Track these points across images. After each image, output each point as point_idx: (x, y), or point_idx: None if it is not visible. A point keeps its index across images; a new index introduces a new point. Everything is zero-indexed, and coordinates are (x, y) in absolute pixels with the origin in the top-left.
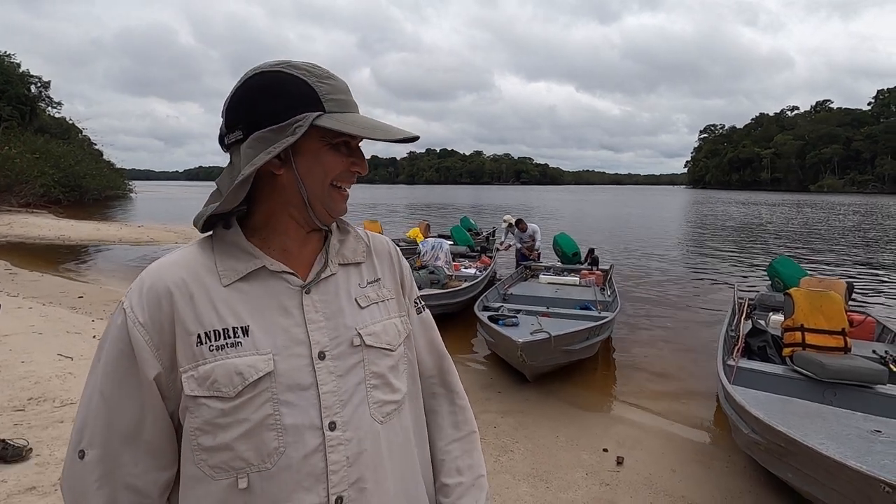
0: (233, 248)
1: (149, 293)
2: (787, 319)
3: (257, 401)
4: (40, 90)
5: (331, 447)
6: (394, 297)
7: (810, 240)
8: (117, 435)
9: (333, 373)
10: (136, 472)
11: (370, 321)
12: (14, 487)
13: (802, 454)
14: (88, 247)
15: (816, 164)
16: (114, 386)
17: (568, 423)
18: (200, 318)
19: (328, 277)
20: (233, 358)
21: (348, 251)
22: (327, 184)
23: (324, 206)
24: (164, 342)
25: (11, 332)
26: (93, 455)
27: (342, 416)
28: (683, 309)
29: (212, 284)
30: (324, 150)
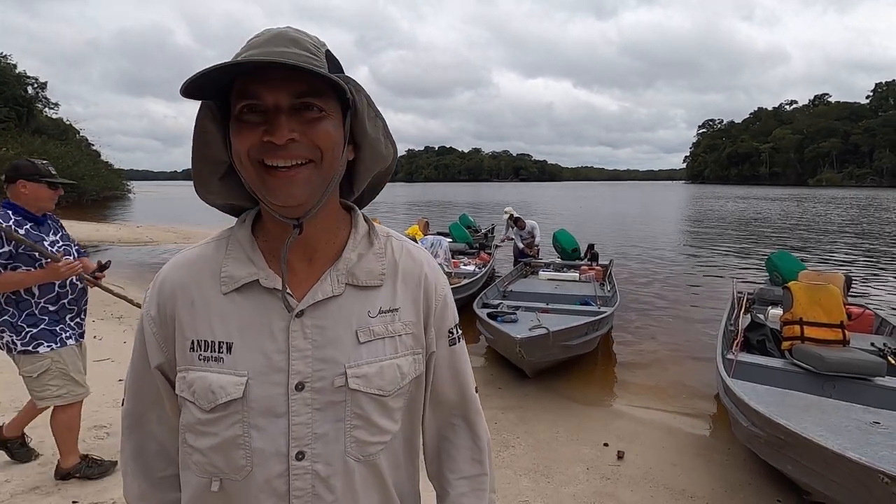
0: (239, 250)
1: (159, 291)
2: (786, 313)
3: (227, 420)
4: (37, 91)
5: (295, 475)
6: (410, 333)
7: (809, 234)
8: (143, 400)
9: (310, 405)
10: (160, 430)
11: (366, 360)
12: (17, 487)
13: (802, 446)
14: (87, 247)
15: (815, 159)
16: (138, 364)
17: (568, 418)
18: (195, 325)
19: (329, 300)
20: (213, 373)
21: (362, 272)
22: (249, 164)
23: (261, 192)
24: (168, 337)
25: None
26: (126, 408)
27: (313, 448)
28: (683, 303)
29: (211, 292)
30: (234, 124)
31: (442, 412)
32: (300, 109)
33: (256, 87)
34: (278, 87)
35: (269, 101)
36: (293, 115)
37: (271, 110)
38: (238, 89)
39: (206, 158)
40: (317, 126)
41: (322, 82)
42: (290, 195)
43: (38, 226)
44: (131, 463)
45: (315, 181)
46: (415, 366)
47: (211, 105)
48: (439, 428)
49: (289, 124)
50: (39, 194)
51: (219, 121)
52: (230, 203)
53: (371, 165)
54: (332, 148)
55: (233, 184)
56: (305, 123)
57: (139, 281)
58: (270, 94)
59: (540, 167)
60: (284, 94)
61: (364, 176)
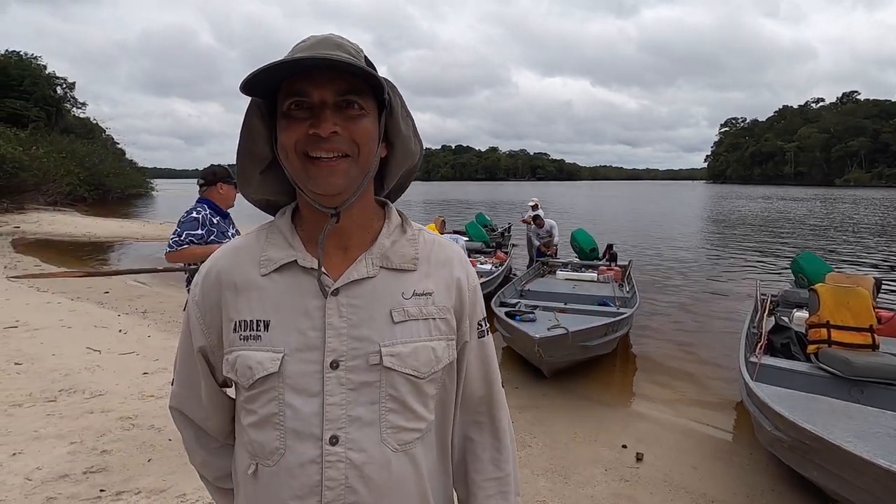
0: (279, 236)
1: (205, 278)
2: (812, 316)
3: (265, 397)
4: (66, 91)
5: (328, 462)
6: (444, 318)
7: (836, 235)
8: (185, 382)
9: (344, 385)
10: (198, 416)
11: (400, 339)
12: (48, 474)
13: (829, 452)
14: (113, 244)
15: (842, 158)
16: (184, 346)
17: (586, 419)
18: (238, 306)
19: (363, 280)
20: (251, 350)
21: (396, 255)
22: (295, 156)
23: (303, 183)
24: (212, 322)
25: (42, 326)
26: (174, 389)
27: (347, 432)
28: (704, 305)
29: (252, 274)
30: (281, 121)
31: (468, 408)
32: (342, 107)
33: (304, 85)
34: (324, 85)
35: (315, 98)
36: (336, 111)
37: (317, 106)
38: (287, 88)
39: (250, 153)
40: (357, 122)
41: (362, 82)
42: (330, 184)
43: (224, 219)
44: (188, 437)
45: (353, 173)
46: (448, 351)
47: (260, 103)
48: (464, 426)
49: (332, 119)
50: (230, 194)
51: (265, 119)
52: (267, 198)
53: (402, 162)
54: (369, 143)
55: (271, 179)
56: (347, 119)
57: (162, 276)
58: (317, 91)
59: (557, 166)
60: (329, 91)
61: (394, 172)
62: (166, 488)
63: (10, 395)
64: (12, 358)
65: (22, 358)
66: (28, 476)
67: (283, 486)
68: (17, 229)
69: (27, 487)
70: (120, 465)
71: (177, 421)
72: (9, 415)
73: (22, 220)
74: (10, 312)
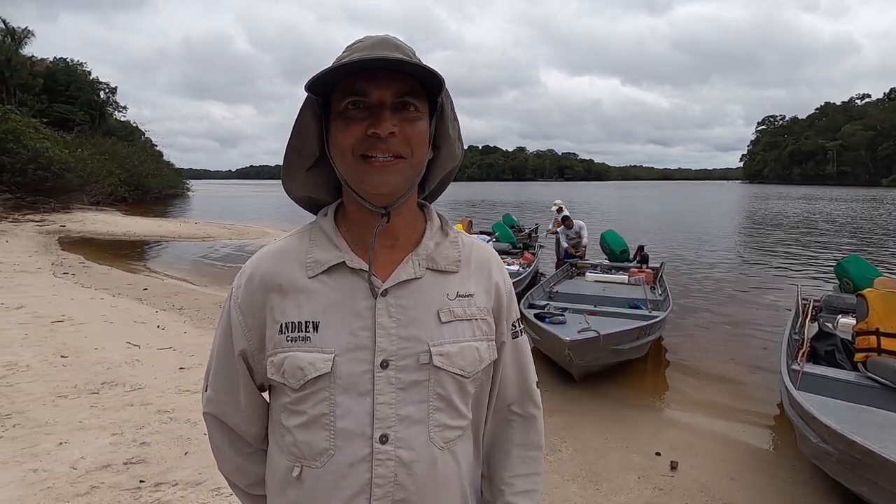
0: (323, 237)
1: (248, 281)
2: (860, 322)
3: (315, 398)
4: (108, 95)
5: (378, 461)
6: (484, 318)
7: (884, 238)
8: (222, 385)
9: (394, 384)
10: (234, 420)
11: (448, 339)
12: (91, 464)
13: (881, 467)
14: (151, 242)
15: (890, 157)
16: (221, 349)
17: (617, 424)
18: (284, 309)
19: (411, 281)
20: (300, 352)
21: (441, 257)
22: (350, 157)
23: (356, 183)
24: (255, 325)
25: (86, 321)
26: (209, 394)
27: (397, 431)
28: (741, 309)
29: (298, 276)
30: (338, 121)
31: (503, 406)
32: (399, 108)
33: (364, 86)
34: (384, 86)
35: (374, 98)
36: (393, 112)
37: (376, 106)
38: (344, 88)
39: (300, 150)
40: (413, 124)
41: (418, 85)
42: (385, 183)
43: None
44: (221, 443)
45: (406, 173)
46: (489, 351)
47: (315, 102)
48: (497, 423)
49: (391, 119)
50: None
51: (318, 117)
52: (309, 196)
53: (445, 165)
54: (422, 145)
55: (317, 177)
56: (403, 121)
57: (197, 274)
58: (377, 92)
59: (586, 166)
60: (389, 92)
61: (437, 174)
62: (202, 481)
63: (56, 386)
64: (59, 351)
65: (68, 351)
66: (73, 465)
67: (333, 487)
68: (63, 228)
69: (72, 476)
70: (158, 457)
71: (211, 427)
72: (56, 405)
73: (68, 220)
74: (57, 307)
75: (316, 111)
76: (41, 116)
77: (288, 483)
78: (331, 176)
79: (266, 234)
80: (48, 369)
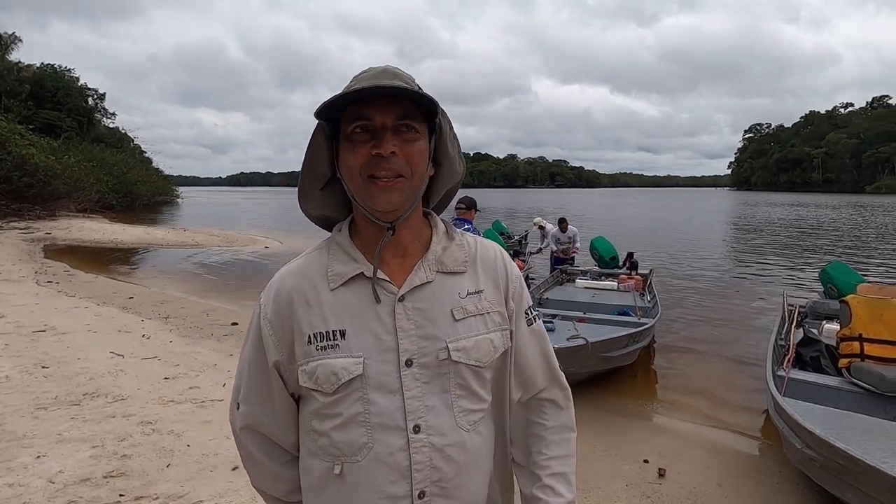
0: (340, 251)
1: (276, 296)
2: (844, 328)
3: (350, 399)
4: (96, 102)
5: (415, 448)
6: (496, 311)
7: (867, 245)
8: (258, 398)
9: (419, 380)
10: (271, 430)
11: (463, 335)
12: (70, 478)
13: (865, 474)
14: (139, 250)
15: (873, 164)
16: (254, 363)
17: (606, 432)
18: (311, 320)
19: (424, 285)
20: (331, 359)
21: (449, 259)
22: (358, 177)
23: (363, 201)
24: (284, 337)
25: (69, 330)
26: (243, 409)
27: (427, 420)
28: (728, 316)
29: (322, 289)
30: (346, 143)
31: (531, 393)
32: (399, 130)
33: (368, 111)
34: (386, 111)
35: (377, 121)
36: (395, 134)
37: (378, 129)
38: (351, 114)
39: (313, 171)
40: (412, 144)
41: (417, 108)
42: (388, 201)
43: None
44: (259, 455)
45: (407, 191)
46: (503, 340)
47: (325, 126)
48: (530, 411)
49: (392, 140)
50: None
51: (328, 140)
52: (323, 214)
53: (447, 181)
54: (421, 164)
55: (329, 195)
56: (404, 142)
57: (184, 282)
58: (379, 116)
59: (576, 173)
60: (390, 116)
61: (439, 190)
62: (184, 494)
63: (37, 397)
64: (40, 361)
65: (49, 361)
66: (51, 479)
67: (376, 476)
68: (48, 235)
69: (50, 490)
70: (139, 470)
71: (248, 442)
72: (35, 417)
73: (53, 227)
74: (39, 317)
75: (326, 135)
76: (28, 123)
77: (328, 481)
78: (341, 195)
79: (256, 242)
80: (28, 380)
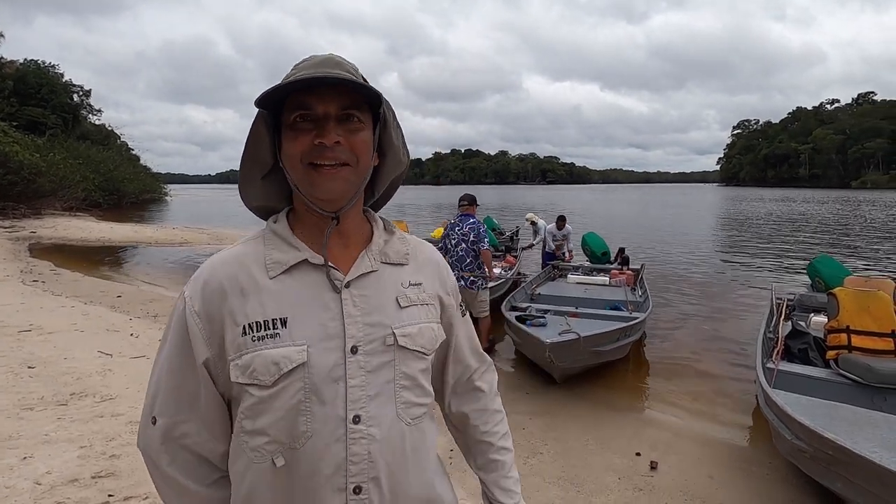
0: (280, 241)
1: (204, 287)
2: (832, 321)
3: (291, 389)
4: (82, 99)
5: (352, 439)
6: (434, 304)
7: (853, 238)
8: (180, 406)
9: (364, 368)
10: (197, 440)
11: (407, 322)
12: (57, 479)
13: (853, 463)
14: (126, 248)
15: (859, 160)
16: (176, 364)
17: (598, 426)
18: (247, 310)
19: (369, 273)
20: (271, 349)
21: (392, 252)
22: (299, 165)
23: (306, 189)
24: (214, 332)
25: (55, 330)
26: (161, 423)
27: (367, 410)
28: (717, 310)
29: (260, 277)
30: (288, 132)
31: (466, 381)
32: (343, 120)
33: (310, 100)
34: (328, 101)
35: (320, 111)
36: (338, 124)
37: (321, 118)
38: (293, 102)
39: (255, 158)
40: (357, 134)
41: (361, 98)
42: (332, 189)
43: None
44: (181, 478)
45: (351, 180)
46: (440, 332)
47: (266, 114)
48: (466, 399)
49: (335, 130)
50: None
51: (269, 128)
52: (264, 205)
53: (392, 171)
54: (366, 153)
55: (271, 184)
56: (348, 131)
57: (173, 280)
58: (322, 105)
59: (568, 170)
60: (333, 105)
61: (384, 180)
62: None
63: (22, 398)
64: (26, 361)
65: (35, 361)
66: (38, 480)
67: (313, 468)
68: (33, 234)
69: (37, 492)
70: (128, 470)
71: (166, 464)
72: (20, 418)
73: (39, 226)
74: (25, 316)
75: (267, 123)
76: (11, 120)
77: (263, 480)
78: (283, 185)
79: None
80: (13, 380)
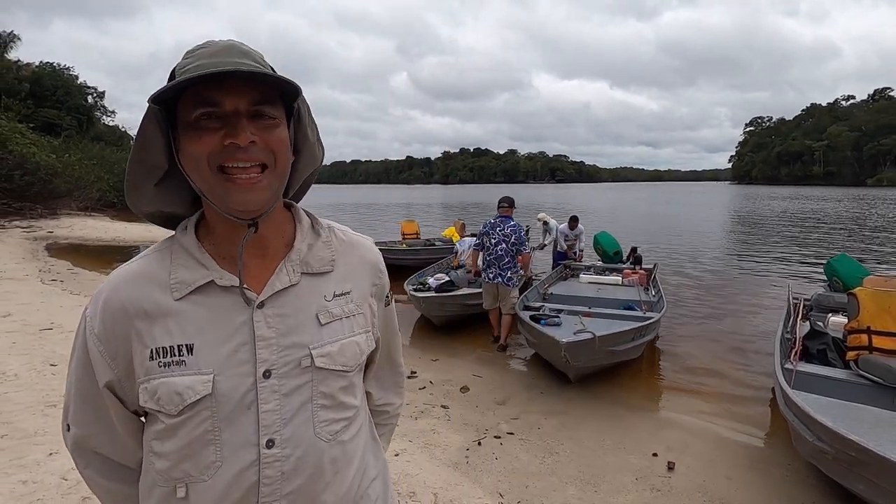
0: (186, 256)
1: (104, 307)
2: (852, 321)
3: (196, 419)
4: (96, 100)
5: (266, 463)
6: (361, 313)
7: (870, 237)
8: (89, 420)
9: (277, 391)
10: (111, 450)
11: (328, 340)
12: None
13: (877, 465)
14: (140, 247)
15: (875, 157)
16: (82, 382)
17: (614, 426)
18: (153, 334)
19: (287, 289)
20: (176, 377)
21: (314, 259)
22: (207, 169)
23: (218, 199)
24: (118, 353)
25: (75, 328)
26: (73, 431)
27: (282, 434)
28: (733, 310)
29: (163, 299)
30: (189, 131)
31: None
32: (255, 116)
33: (215, 95)
34: (238, 95)
35: (229, 108)
36: (250, 121)
37: (231, 116)
38: (193, 97)
39: (144, 163)
40: (272, 132)
41: (273, 91)
42: (251, 201)
43: None
44: (100, 479)
45: (273, 185)
46: (368, 342)
47: (157, 111)
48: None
49: (248, 128)
50: None
51: (162, 127)
52: (161, 210)
53: (307, 167)
54: (284, 152)
55: (167, 190)
56: (262, 129)
57: None
58: (231, 101)
59: (577, 168)
60: (244, 100)
61: (299, 177)
62: None
63: (46, 395)
64: (48, 359)
65: (57, 359)
66: (64, 476)
67: (219, 495)
68: (50, 234)
69: (63, 487)
70: None
71: (83, 464)
72: (45, 415)
73: (55, 226)
74: (45, 315)
75: (159, 120)
76: (28, 121)
77: (171, 501)
78: (183, 188)
79: None
80: (37, 378)
